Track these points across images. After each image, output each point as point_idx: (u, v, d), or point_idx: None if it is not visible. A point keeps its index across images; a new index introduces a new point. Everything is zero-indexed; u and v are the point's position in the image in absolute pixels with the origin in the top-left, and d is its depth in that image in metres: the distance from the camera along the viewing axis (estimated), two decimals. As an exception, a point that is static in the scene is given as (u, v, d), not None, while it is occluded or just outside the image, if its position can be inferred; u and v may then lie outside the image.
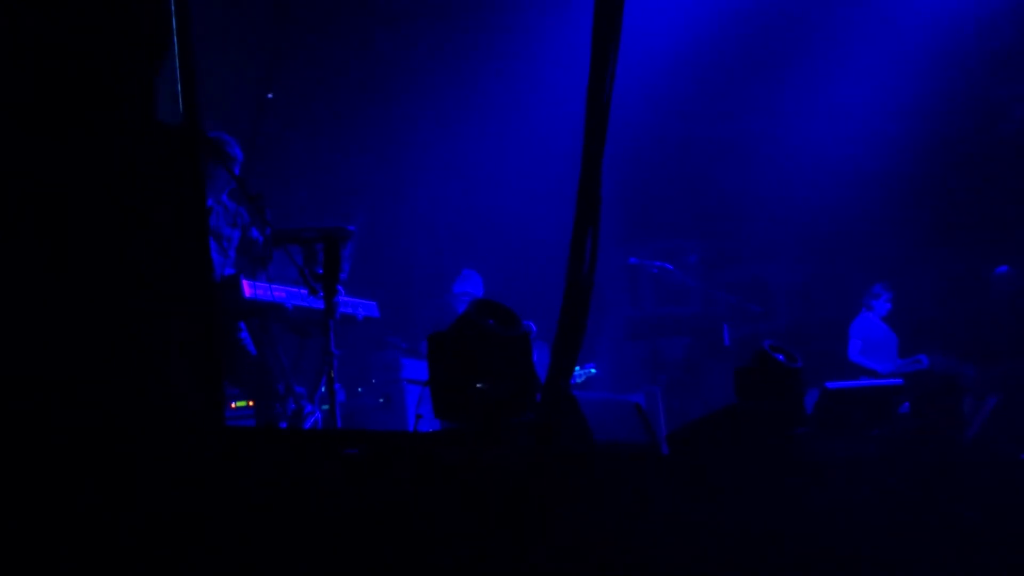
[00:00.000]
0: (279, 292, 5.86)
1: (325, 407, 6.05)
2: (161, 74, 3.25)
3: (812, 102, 10.30)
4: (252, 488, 3.08)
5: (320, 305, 5.54)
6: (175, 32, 3.29)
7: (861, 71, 10.22)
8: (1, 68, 3.02)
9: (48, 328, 2.94)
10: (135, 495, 2.85)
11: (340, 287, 5.67)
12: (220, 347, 3.85)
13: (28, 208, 2.97)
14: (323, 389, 5.76)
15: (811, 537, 3.83)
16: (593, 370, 9.00)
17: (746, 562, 3.67)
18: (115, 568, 2.72)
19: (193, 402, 3.17)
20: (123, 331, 3.04)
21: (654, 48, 9.64)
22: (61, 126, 3.05)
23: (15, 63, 3.03)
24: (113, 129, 3.12)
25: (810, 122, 10.34)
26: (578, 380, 8.74)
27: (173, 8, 3.29)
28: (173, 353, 3.13)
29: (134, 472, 2.87)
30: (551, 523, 3.33)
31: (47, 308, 2.95)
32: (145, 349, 3.07)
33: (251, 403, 6.45)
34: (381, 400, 8.32)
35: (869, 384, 6.90)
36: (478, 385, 4.51)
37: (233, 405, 6.44)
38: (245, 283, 5.75)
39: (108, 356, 3.00)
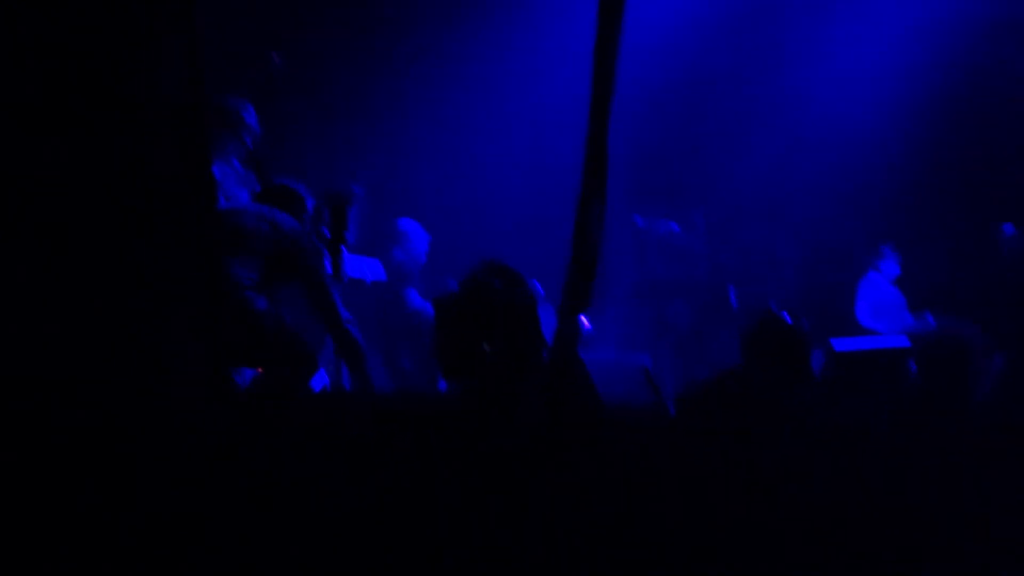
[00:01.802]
0: None
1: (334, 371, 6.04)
2: (166, 53, 3.22)
3: (818, 65, 10.22)
4: (268, 446, 3.13)
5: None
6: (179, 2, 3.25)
7: (867, 33, 10.14)
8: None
9: (49, 324, 2.93)
10: (141, 488, 2.89)
11: (344, 249, 5.66)
12: (227, 335, 3.84)
13: (28, 203, 2.95)
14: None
15: (817, 500, 3.82)
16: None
17: (752, 524, 3.67)
18: (117, 568, 2.73)
19: (199, 376, 3.16)
20: (127, 326, 3.04)
21: (660, 13, 9.56)
22: (62, 116, 3.03)
23: (14, 50, 3.00)
24: (112, 117, 3.10)
25: (816, 85, 10.27)
26: None
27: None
28: (180, 347, 3.13)
29: (142, 461, 2.92)
30: (559, 484, 3.33)
31: (47, 304, 2.94)
32: (150, 343, 3.07)
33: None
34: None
35: (876, 345, 6.86)
36: (484, 347, 4.50)
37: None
38: (252, 246, 5.70)
39: (112, 351, 3.00)
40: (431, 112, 10.00)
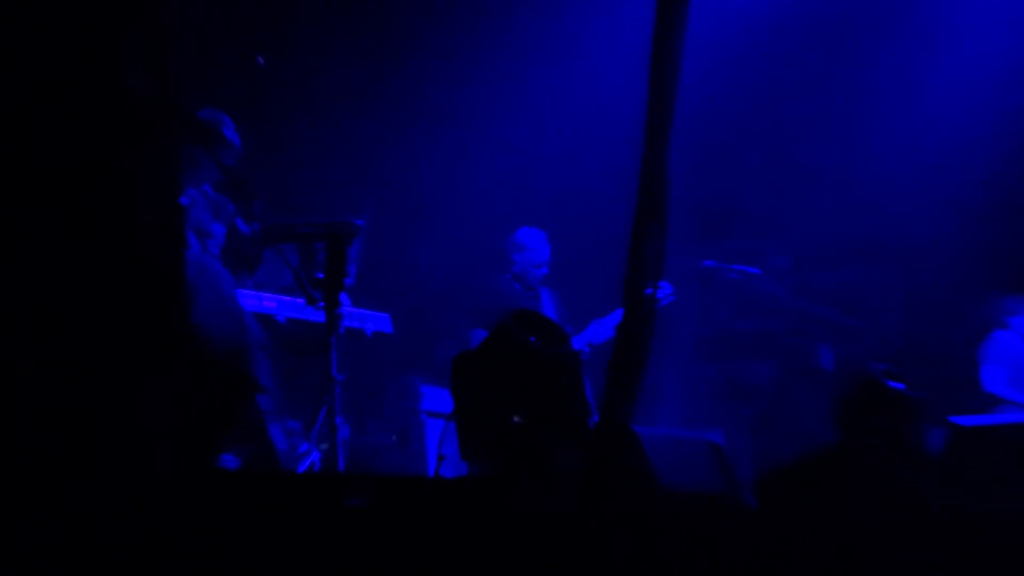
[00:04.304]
0: (269, 302, 5.91)
1: (325, 446, 6.05)
2: (130, 42, 3.23)
3: (926, 77, 10.22)
4: (232, 546, 3.09)
5: (320, 318, 5.55)
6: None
7: (978, 47, 10.13)
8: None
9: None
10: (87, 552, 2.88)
11: (344, 295, 5.67)
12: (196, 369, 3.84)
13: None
14: (322, 423, 5.77)
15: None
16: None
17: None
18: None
19: (162, 441, 3.16)
20: (72, 354, 3.04)
21: (734, 10, 9.61)
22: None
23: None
24: (54, 128, 3.11)
25: (916, 101, 10.26)
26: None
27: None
28: (138, 380, 3.13)
29: (88, 523, 2.90)
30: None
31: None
32: (101, 372, 3.07)
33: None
34: (395, 438, 8.33)
35: (1012, 421, 6.78)
36: (514, 419, 4.46)
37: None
38: (227, 291, 5.74)
39: (56, 383, 3.01)
40: (450, 136, 10.04)
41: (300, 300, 5.73)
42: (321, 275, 5.55)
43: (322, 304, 5.50)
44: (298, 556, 3.13)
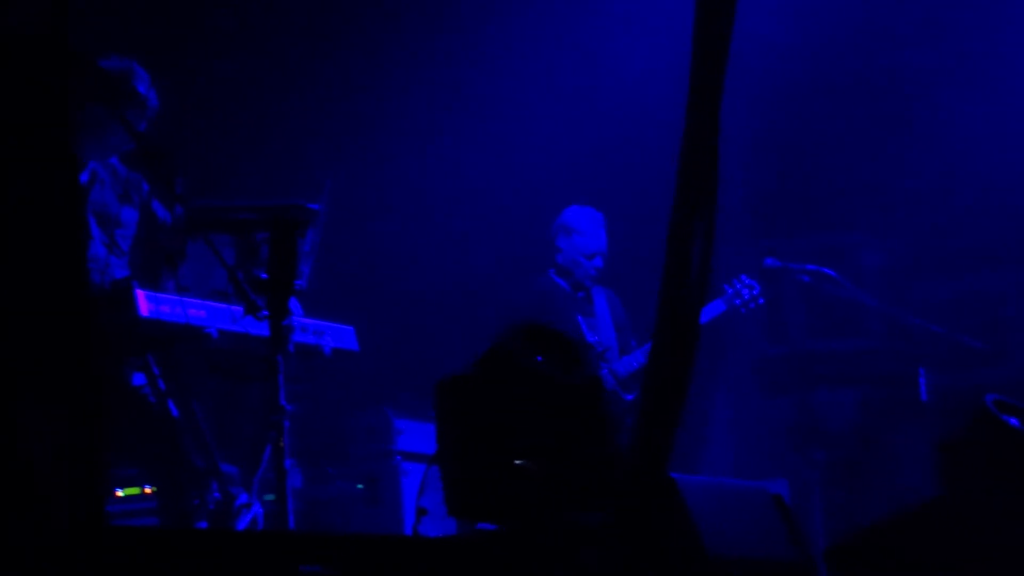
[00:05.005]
0: (196, 310, 5.92)
1: (270, 497, 6.08)
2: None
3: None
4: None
5: (263, 331, 5.59)
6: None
7: None
8: None
9: None
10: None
11: (295, 302, 5.70)
12: (101, 401, 3.87)
13: None
14: (267, 468, 5.79)
15: None
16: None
17: None
18: None
19: (56, 491, 3.19)
20: None
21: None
22: None
23: None
24: None
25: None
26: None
27: None
28: (22, 412, 3.16)
29: None
30: None
31: None
32: None
33: (148, 490, 6.50)
34: (361, 486, 8.36)
35: None
36: (517, 462, 4.51)
37: (120, 493, 6.49)
38: (141, 295, 5.79)
39: None
40: (431, 100, 10.07)
41: (237, 308, 5.74)
42: (265, 275, 5.56)
43: (266, 313, 5.51)
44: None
